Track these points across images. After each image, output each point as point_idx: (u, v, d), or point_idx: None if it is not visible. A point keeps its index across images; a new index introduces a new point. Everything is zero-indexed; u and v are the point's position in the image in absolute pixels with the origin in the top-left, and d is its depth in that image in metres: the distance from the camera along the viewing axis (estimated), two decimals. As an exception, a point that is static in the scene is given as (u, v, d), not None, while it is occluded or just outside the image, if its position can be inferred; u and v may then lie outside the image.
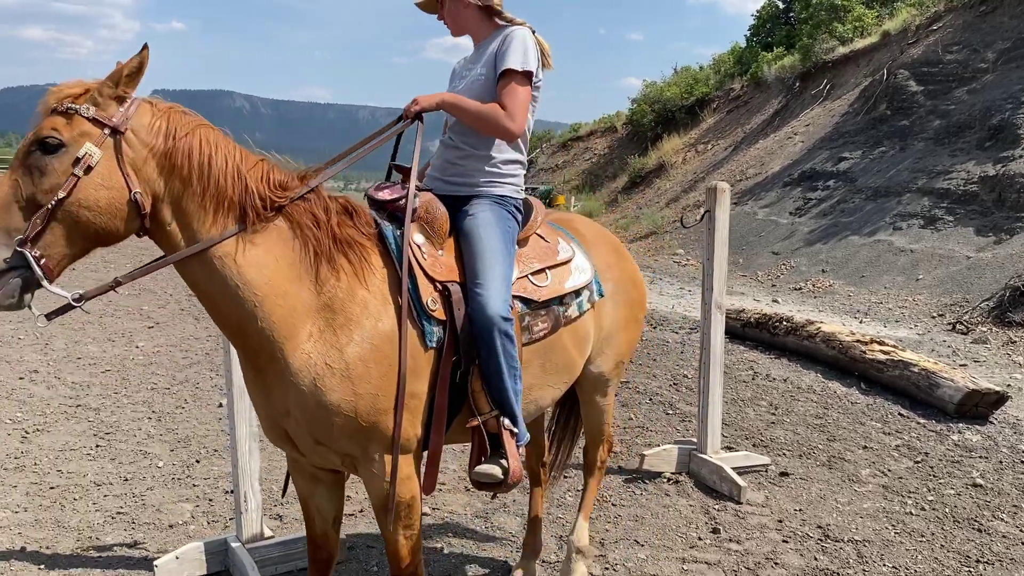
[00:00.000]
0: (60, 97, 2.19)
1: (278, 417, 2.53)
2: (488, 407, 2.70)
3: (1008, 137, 12.77)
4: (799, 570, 3.87)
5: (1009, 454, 5.42)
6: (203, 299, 2.43)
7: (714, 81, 28.45)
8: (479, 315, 2.63)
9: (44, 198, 2.11)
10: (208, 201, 2.32)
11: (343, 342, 2.45)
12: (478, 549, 4.01)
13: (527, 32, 2.92)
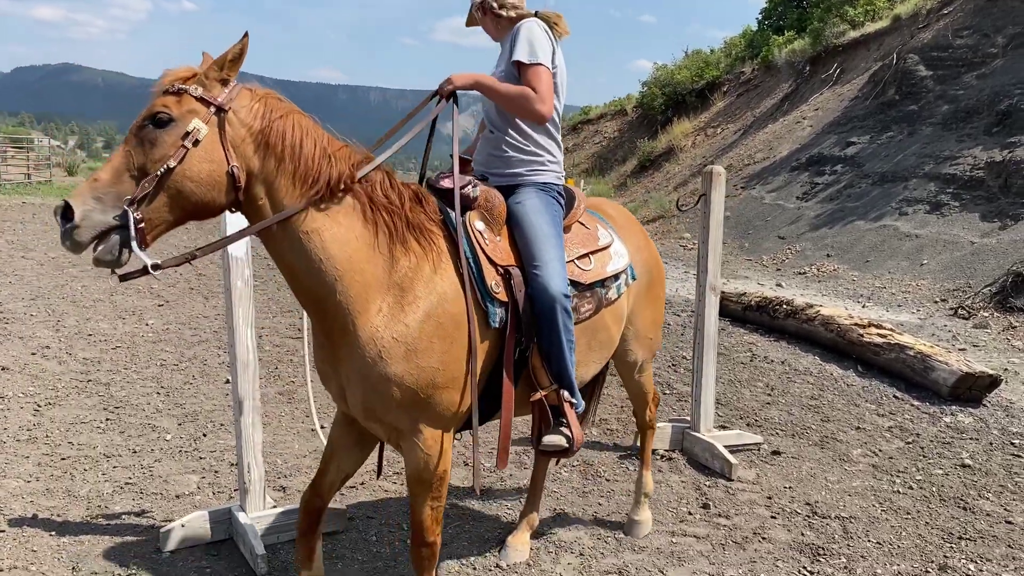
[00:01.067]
0: (172, 79, 2.42)
1: (344, 384, 2.73)
2: (548, 381, 2.97)
3: (1016, 123, 12.75)
4: (785, 544, 3.98)
5: (999, 436, 5.51)
6: (287, 272, 2.63)
7: (725, 65, 28.33)
8: (542, 294, 2.85)
9: (153, 167, 2.33)
10: (297, 179, 2.53)
11: (410, 319, 2.64)
12: (475, 522, 4.13)
13: (532, 24, 3.10)
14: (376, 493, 4.44)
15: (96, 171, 2.37)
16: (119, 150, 2.38)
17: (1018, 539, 4.05)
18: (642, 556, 3.83)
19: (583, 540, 3.97)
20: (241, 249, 3.65)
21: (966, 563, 3.81)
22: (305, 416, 5.61)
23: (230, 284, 3.67)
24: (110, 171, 2.33)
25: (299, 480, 4.57)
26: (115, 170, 2.33)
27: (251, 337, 3.76)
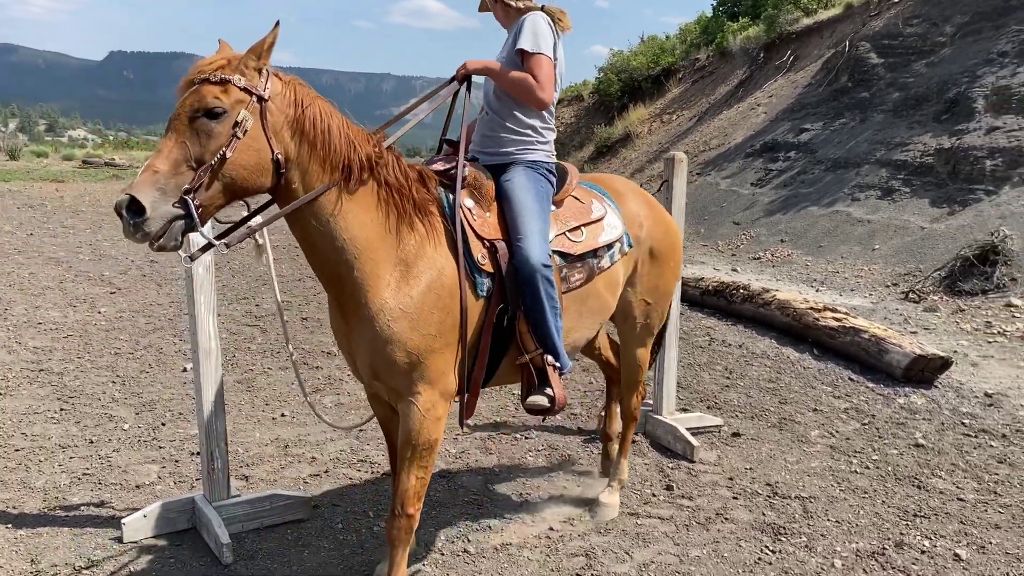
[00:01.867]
0: (211, 69, 2.52)
1: (354, 352, 2.97)
2: (534, 346, 3.19)
3: (963, 111, 13.03)
4: (747, 524, 4.05)
5: (950, 416, 5.66)
6: (310, 250, 2.83)
7: (680, 51, 28.44)
8: (524, 264, 3.08)
9: (209, 157, 2.47)
10: (327, 163, 2.72)
11: (413, 291, 2.88)
12: (441, 508, 4.13)
13: (537, 17, 3.34)
14: (341, 481, 4.42)
15: (152, 162, 2.44)
16: (172, 140, 2.47)
17: (969, 515, 4.17)
18: (608, 538, 3.86)
19: (549, 523, 3.99)
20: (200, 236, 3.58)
21: (921, 539, 3.91)
22: (266, 404, 5.55)
23: (191, 271, 3.60)
24: (169, 162, 2.44)
25: (262, 468, 4.53)
26: (174, 161, 2.44)
27: (213, 324, 3.70)
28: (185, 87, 2.54)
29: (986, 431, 5.35)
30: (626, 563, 3.65)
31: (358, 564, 3.58)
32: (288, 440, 4.94)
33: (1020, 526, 4.07)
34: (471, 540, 3.81)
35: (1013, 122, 12.24)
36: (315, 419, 5.28)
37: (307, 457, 4.71)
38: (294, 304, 8.41)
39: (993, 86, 12.93)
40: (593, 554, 3.72)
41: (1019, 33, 13.43)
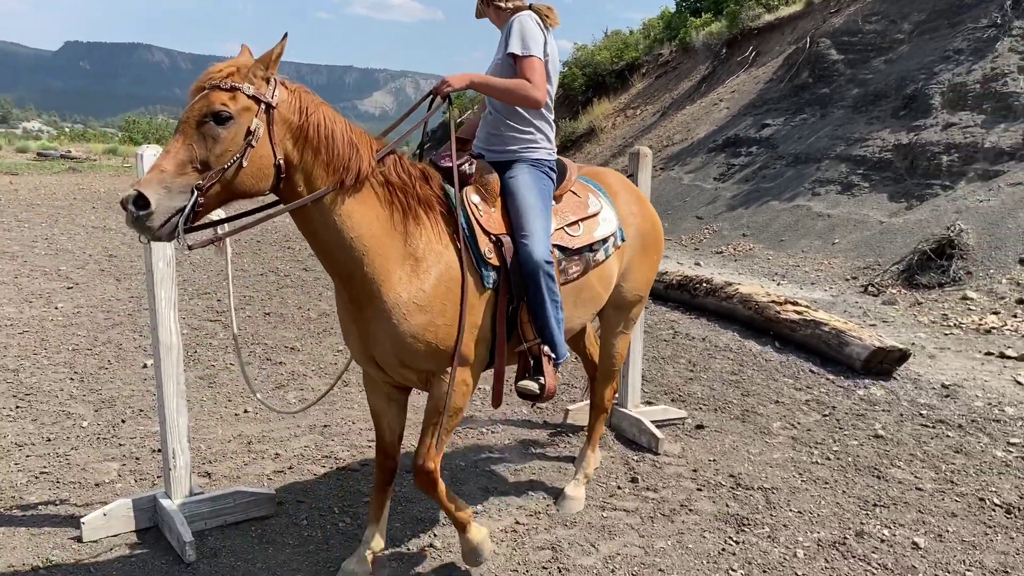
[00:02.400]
0: (221, 76, 2.64)
1: (370, 345, 3.10)
2: (532, 335, 3.36)
3: (920, 107, 13.26)
4: (711, 515, 4.09)
5: (909, 407, 5.76)
6: (320, 249, 2.95)
7: (644, 46, 28.57)
8: (528, 260, 3.24)
9: (216, 161, 2.59)
10: (331, 167, 2.83)
11: (425, 284, 3.03)
12: (407, 503, 4.12)
13: (524, 17, 3.44)
14: (305, 477, 4.38)
15: (159, 161, 2.57)
16: (179, 141, 2.59)
17: (927, 504, 4.26)
18: (574, 531, 3.88)
19: (516, 517, 4.00)
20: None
21: (881, 528, 3.98)
22: (228, 400, 5.49)
23: (152, 265, 3.55)
24: (174, 163, 2.56)
25: (224, 465, 4.48)
26: (179, 162, 2.56)
27: (174, 320, 3.64)
28: (195, 92, 2.65)
29: (943, 422, 5.46)
30: (592, 556, 3.67)
31: (323, 560, 3.55)
32: (251, 436, 4.89)
33: (976, 514, 4.16)
34: (437, 535, 3.81)
35: (968, 118, 12.48)
36: (279, 415, 5.23)
37: (271, 453, 4.66)
38: (256, 299, 8.32)
39: (949, 83, 13.17)
40: (559, 547, 3.73)
41: (974, 31, 13.69)
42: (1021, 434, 5.25)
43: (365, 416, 5.24)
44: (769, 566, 3.63)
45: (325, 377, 6.02)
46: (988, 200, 10.96)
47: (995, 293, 9.31)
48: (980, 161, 11.74)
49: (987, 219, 10.53)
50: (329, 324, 7.46)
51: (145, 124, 45.60)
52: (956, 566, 3.66)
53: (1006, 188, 10.97)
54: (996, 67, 12.69)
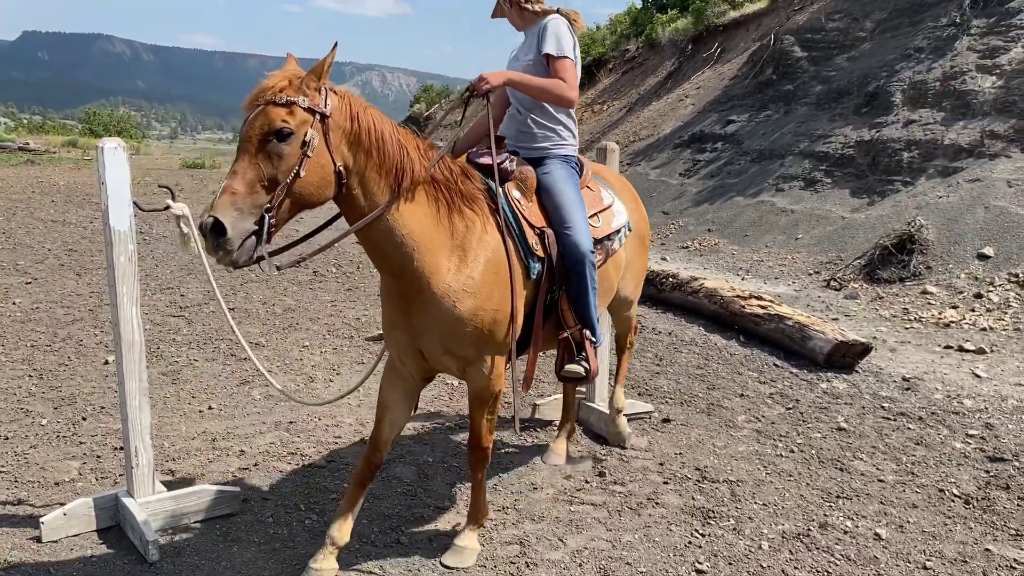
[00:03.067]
0: (275, 91, 2.68)
1: (418, 336, 3.22)
2: (573, 322, 3.59)
3: (882, 104, 13.45)
4: (677, 509, 4.12)
5: (871, 400, 5.85)
6: (372, 246, 3.04)
7: (610, 42, 28.70)
8: (574, 251, 3.45)
9: (282, 177, 2.66)
10: (383, 170, 2.92)
11: (474, 272, 3.17)
12: (374, 499, 4.09)
13: (557, 21, 3.61)
14: (271, 474, 4.34)
15: (229, 183, 2.62)
16: (245, 161, 2.65)
17: (889, 496, 4.33)
18: (542, 525, 3.89)
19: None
20: (124, 222, 3.47)
21: (844, 520, 4.04)
22: (192, 397, 5.42)
23: (113, 260, 3.48)
24: (244, 184, 2.62)
25: (188, 463, 4.42)
26: (249, 182, 2.63)
27: (136, 316, 3.58)
28: (251, 106, 2.70)
29: (904, 414, 5.55)
30: (559, 550, 3.68)
31: (289, 558, 3.52)
32: (216, 433, 4.83)
33: (936, 505, 4.24)
34: (404, 531, 3.79)
35: (928, 115, 12.68)
36: (244, 412, 5.18)
37: (235, 451, 4.61)
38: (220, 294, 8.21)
39: (910, 80, 13.37)
40: (527, 541, 3.73)
41: (934, 29, 13.91)
42: (979, 426, 5.35)
43: (331, 412, 5.20)
44: (734, 558, 3.67)
45: (290, 373, 5.96)
46: (947, 196, 11.15)
47: (954, 287, 9.49)
48: (940, 158, 11.94)
49: (946, 215, 10.72)
50: (294, 320, 7.40)
51: (106, 116, 44.75)
52: (917, 556, 3.73)
53: (964, 184, 11.17)
54: (955, 65, 12.91)
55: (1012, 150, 11.24)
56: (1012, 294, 9.02)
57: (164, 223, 11.85)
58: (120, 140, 3.48)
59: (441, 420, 5.18)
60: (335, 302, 8.16)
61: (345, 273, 9.66)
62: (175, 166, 25.48)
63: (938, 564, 3.66)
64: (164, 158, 31.11)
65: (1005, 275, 9.38)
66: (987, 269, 9.59)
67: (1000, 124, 11.64)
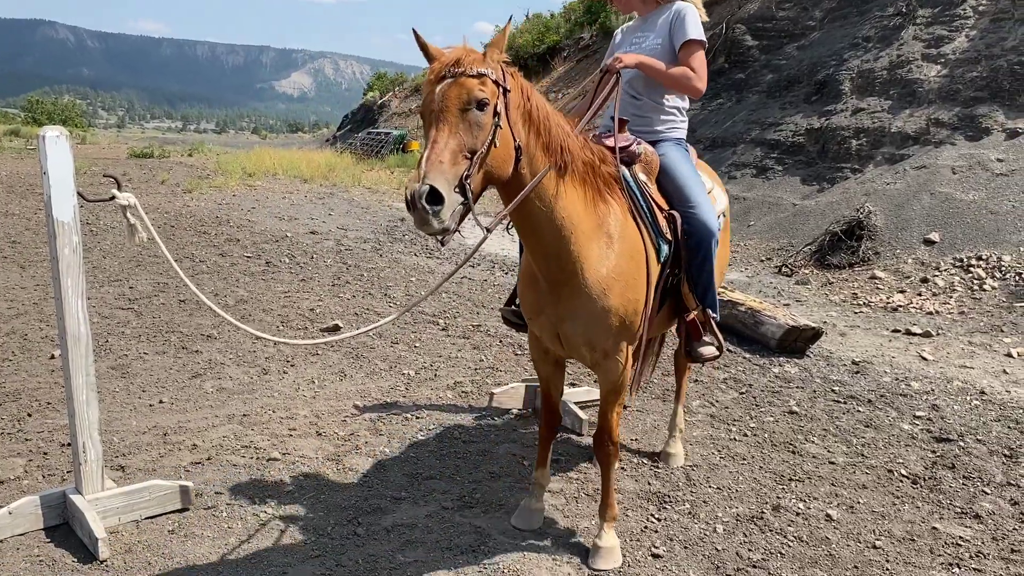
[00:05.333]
0: (468, 62, 2.66)
1: (558, 322, 3.21)
2: (695, 303, 3.65)
3: (831, 92, 13.67)
4: (634, 494, 4.16)
5: (821, 384, 5.96)
6: (532, 230, 3.00)
7: (565, 30, 28.70)
8: (701, 230, 3.48)
9: (479, 146, 2.63)
10: (548, 150, 2.91)
11: (620, 259, 3.14)
12: (330, 492, 4.06)
13: (694, 8, 3.68)
14: (224, 468, 4.27)
15: (433, 153, 2.54)
16: (446, 131, 2.59)
17: (840, 477, 4.41)
18: (499, 515, 3.89)
19: (441, 502, 3.99)
20: (68, 213, 3.38)
21: (796, 502, 4.11)
22: (142, 391, 5.31)
23: (57, 252, 3.39)
24: (449, 153, 2.56)
25: (139, 458, 4.33)
26: (452, 152, 2.57)
27: (82, 309, 3.49)
28: (437, 80, 2.66)
29: (854, 397, 5.67)
30: (516, 538, 3.68)
31: (244, 551, 3.48)
32: (167, 428, 4.74)
33: (885, 486, 4.34)
34: (361, 523, 3.76)
35: (876, 104, 12.92)
36: (196, 405, 5.10)
37: (188, 444, 4.53)
38: (171, 286, 8.06)
39: (858, 69, 13.60)
40: (484, 531, 3.73)
41: (881, 19, 14.15)
42: (926, 407, 5.48)
43: (285, 405, 5.14)
44: (690, 542, 3.71)
45: (243, 365, 5.87)
46: (894, 183, 11.38)
47: (901, 272, 9.70)
48: (887, 145, 12.19)
49: (893, 201, 10.94)
50: (247, 311, 7.29)
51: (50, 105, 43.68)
52: (867, 536, 3.81)
53: (911, 171, 11.42)
54: (901, 54, 13.16)
55: (956, 138, 11.50)
56: (956, 278, 9.25)
57: (111, 214, 11.59)
58: (62, 128, 3.38)
59: (398, 411, 5.15)
60: (288, 293, 8.06)
61: (299, 263, 9.54)
62: (123, 155, 24.95)
63: (887, 543, 3.75)
64: (111, 147, 30.46)
65: (950, 260, 9.61)
66: (933, 254, 9.82)
67: (945, 112, 11.91)
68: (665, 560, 3.56)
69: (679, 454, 4.54)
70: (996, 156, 10.85)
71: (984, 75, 11.88)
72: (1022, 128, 11.01)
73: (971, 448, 4.82)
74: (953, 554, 3.68)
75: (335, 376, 5.74)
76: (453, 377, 5.80)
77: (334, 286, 8.50)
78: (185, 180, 16.94)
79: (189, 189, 15.69)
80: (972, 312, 8.31)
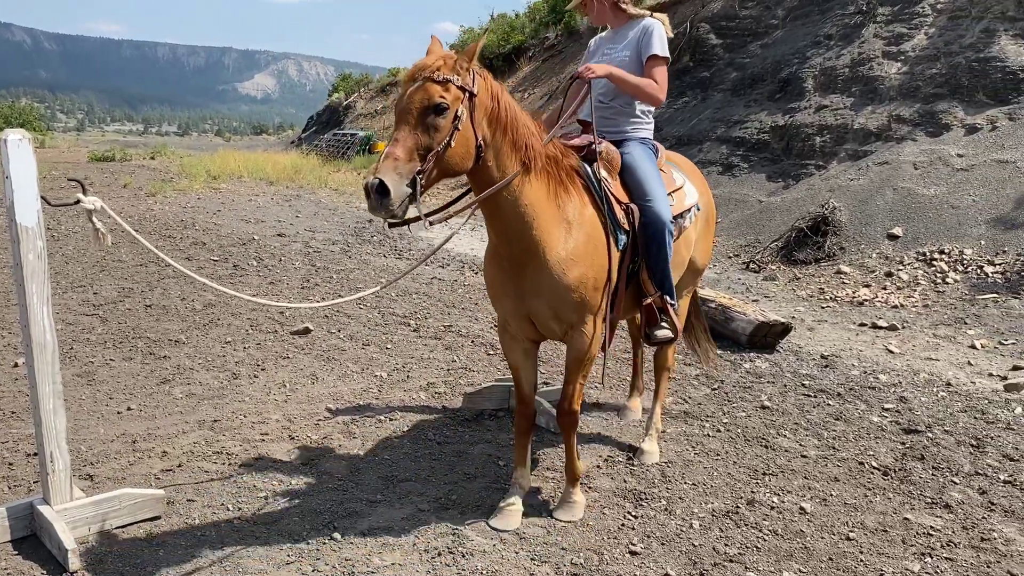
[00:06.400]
0: (433, 69, 3.01)
1: (528, 301, 3.54)
2: (654, 289, 3.94)
3: (794, 90, 13.82)
4: (610, 492, 4.16)
5: (792, 378, 6.02)
6: (499, 217, 3.37)
7: (530, 29, 28.70)
8: (655, 220, 3.79)
9: (435, 146, 3.01)
10: (515, 147, 3.27)
11: (579, 242, 3.49)
12: (305, 496, 4.02)
13: (660, 26, 4.03)
14: (196, 475, 4.21)
15: (391, 150, 2.95)
16: (405, 131, 2.99)
17: (812, 471, 4.46)
18: (476, 516, 3.87)
19: (417, 504, 3.96)
20: (32, 218, 3.31)
21: (770, 496, 4.14)
22: (109, 398, 5.22)
23: (20, 258, 3.31)
24: (404, 151, 2.96)
25: (108, 467, 4.26)
26: (408, 150, 2.96)
27: (47, 315, 3.42)
28: (409, 82, 3.04)
29: (824, 391, 5.73)
30: (493, 538, 3.67)
31: (218, 559, 3.43)
32: (136, 435, 4.67)
33: (856, 478, 4.39)
34: (337, 527, 3.73)
35: (839, 101, 13.08)
36: (165, 411, 5.02)
37: (157, 452, 4.46)
38: (136, 291, 7.94)
39: (820, 67, 13.76)
40: (460, 533, 3.71)
41: (842, 17, 14.33)
42: (894, 400, 5.56)
43: (257, 409, 5.09)
44: (667, 538, 3.72)
45: (213, 371, 5.80)
46: (858, 179, 11.53)
47: (866, 267, 9.83)
48: (850, 142, 12.34)
49: (857, 197, 11.09)
50: (215, 315, 7.20)
51: (7, 108, 42.79)
52: (840, 528, 3.85)
53: (874, 167, 11.57)
54: (863, 52, 13.34)
55: (917, 134, 11.68)
56: (920, 272, 9.40)
57: (73, 219, 11.40)
58: (24, 131, 3.31)
59: (371, 413, 5.11)
60: (257, 296, 7.98)
61: (267, 266, 9.45)
62: (83, 159, 24.53)
63: (860, 534, 3.79)
64: (71, 151, 29.95)
65: (913, 254, 9.77)
66: (896, 248, 9.97)
67: (906, 109, 12.09)
68: (643, 557, 3.57)
69: (654, 452, 4.58)
70: (956, 151, 11.04)
71: (943, 72, 12.08)
72: (981, 124, 11.21)
73: (939, 439, 4.89)
74: (924, 544, 3.72)
75: (307, 379, 5.68)
76: (425, 378, 5.77)
77: (303, 288, 8.43)
78: (148, 183, 16.69)
79: (152, 193, 15.47)
80: (936, 305, 8.45)
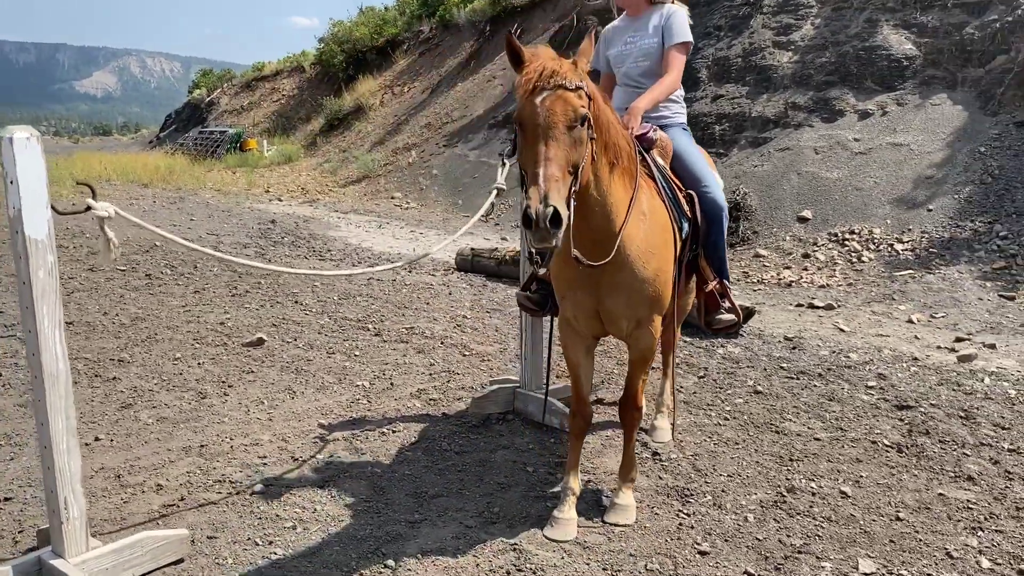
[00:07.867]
0: (562, 75, 2.74)
1: (603, 295, 3.39)
2: (712, 276, 4.05)
3: (689, 80, 14.10)
4: (651, 490, 4.03)
5: (768, 362, 6.09)
6: (586, 214, 3.12)
7: (402, 23, 28.24)
8: (713, 207, 3.88)
9: (580, 161, 2.79)
10: (607, 147, 3.09)
11: (653, 235, 3.39)
12: (336, 522, 3.69)
13: (685, 12, 4.10)
14: (205, 508, 3.79)
15: (548, 171, 2.61)
16: (555, 147, 2.67)
17: (832, 453, 4.48)
18: (527, 526, 3.65)
19: (460, 520, 3.71)
20: (41, 229, 2.86)
21: (806, 482, 4.13)
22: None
23: (29, 276, 2.85)
24: (560, 170, 2.66)
25: (99, 506, 3.77)
26: (562, 168, 2.68)
27: (60, 341, 2.97)
28: (534, 92, 2.73)
29: (804, 373, 5.82)
30: (554, 551, 3.47)
31: (275, 602, 3.08)
32: (117, 468, 4.17)
33: (875, 457, 4.45)
34: (386, 552, 3.42)
35: (734, 90, 13.48)
36: (139, 440, 4.53)
37: (150, 485, 4.00)
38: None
39: (713, 57, 14.14)
40: (519, 547, 3.49)
41: (730, 8, 14.78)
42: (873, 377, 5.72)
43: (243, 431, 4.66)
44: (728, 534, 3.63)
45: (175, 391, 5.28)
46: (762, 165, 11.91)
47: (782, 249, 10.18)
48: (749, 129, 12.74)
49: (764, 182, 11.46)
50: (151, 329, 6.60)
51: None
52: (886, 509, 3.87)
53: (776, 154, 11.99)
54: (753, 42, 13.79)
55: (814, 120, 12.18)
56: (835, 252, 9.80)
57: (-58, 231, 10.24)
58: (32, 128, 2.85)
59: (370, 426, 4.78)
60: (187, 307, 7.38)
61: (183, 274, 8.77)
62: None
63: (908, 514, 3.82)
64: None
65: (826, 235, 10.17)
66: (808, 230, 10.36)
67: (800, 96, 12.58)
68: (714, 556, 3.46)
69: (666, 428, 4.66)
70: (852, 136, 11.58)
71: (833, 60, 12.65)
72: (872, 109, 11.80)
73: (931, 413, 5.05)
74: (970, 518, 3.79)
75: (283, 394, 5.27)
76: (412, 385, 5.47)
77: (234, 296, 7.87)
78: (9, 190, 15.27)
79: (19, 199, 14.15)
80: (858, 283, 8.81)
